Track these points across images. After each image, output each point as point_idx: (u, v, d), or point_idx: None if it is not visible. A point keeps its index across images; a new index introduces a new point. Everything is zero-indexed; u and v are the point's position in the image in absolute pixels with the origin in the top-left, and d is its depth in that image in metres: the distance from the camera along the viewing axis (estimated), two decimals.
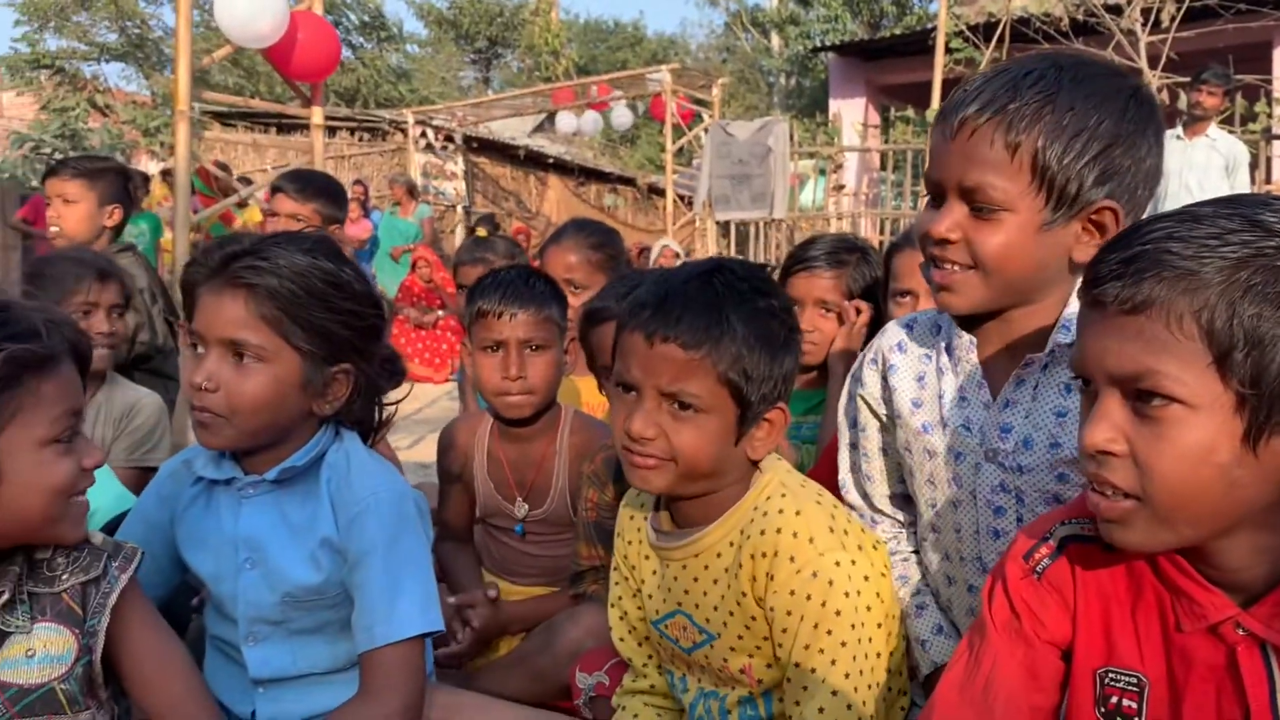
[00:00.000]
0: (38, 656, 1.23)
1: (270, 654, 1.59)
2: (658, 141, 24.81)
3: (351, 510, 1.53)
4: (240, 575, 1.57)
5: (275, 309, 1.47)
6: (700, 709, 1.53)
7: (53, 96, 23.60)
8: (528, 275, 2.16)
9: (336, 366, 1.54)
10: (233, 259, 1.48)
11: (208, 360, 1.48)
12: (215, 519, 1.60)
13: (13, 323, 1.18)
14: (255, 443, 1.54)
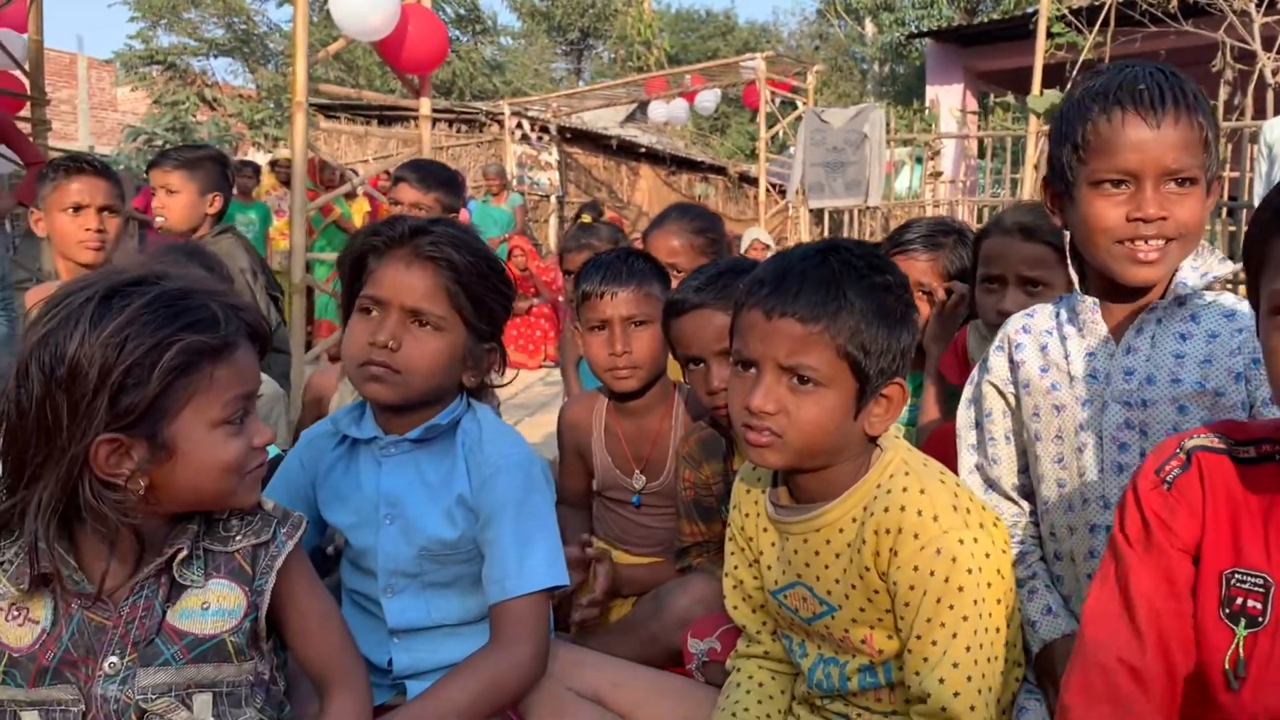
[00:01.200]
0: (211, 609, 1.32)
1: (406, 605, 1.69)
2: (748, 130, 24.73)
3: (485, 472, 1.64)
4: (380, 530, 1.68)
5: (455, 284, 1.62)
6: (819, 674, 1.57)
7: (164, 91, 24.52)
8: (627, 255, 2.27)
9: (489, 343, 1.69)
10: (418, 233, 1.63)
11: (389, 322, 1.62)
12: (356, 478, 1.72)
13: (192, 311, 1.25)
14: (414, 402, 1.66)
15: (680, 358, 2.03)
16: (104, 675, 1.27)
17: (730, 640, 1.78)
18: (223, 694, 1.32)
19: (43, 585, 1.28)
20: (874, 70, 25.25)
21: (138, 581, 1.29)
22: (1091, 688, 1.20)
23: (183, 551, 1.30)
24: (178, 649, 1.30)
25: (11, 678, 1.28)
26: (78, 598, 1.28)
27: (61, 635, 1.27)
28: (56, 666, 1.27)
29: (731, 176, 17.59)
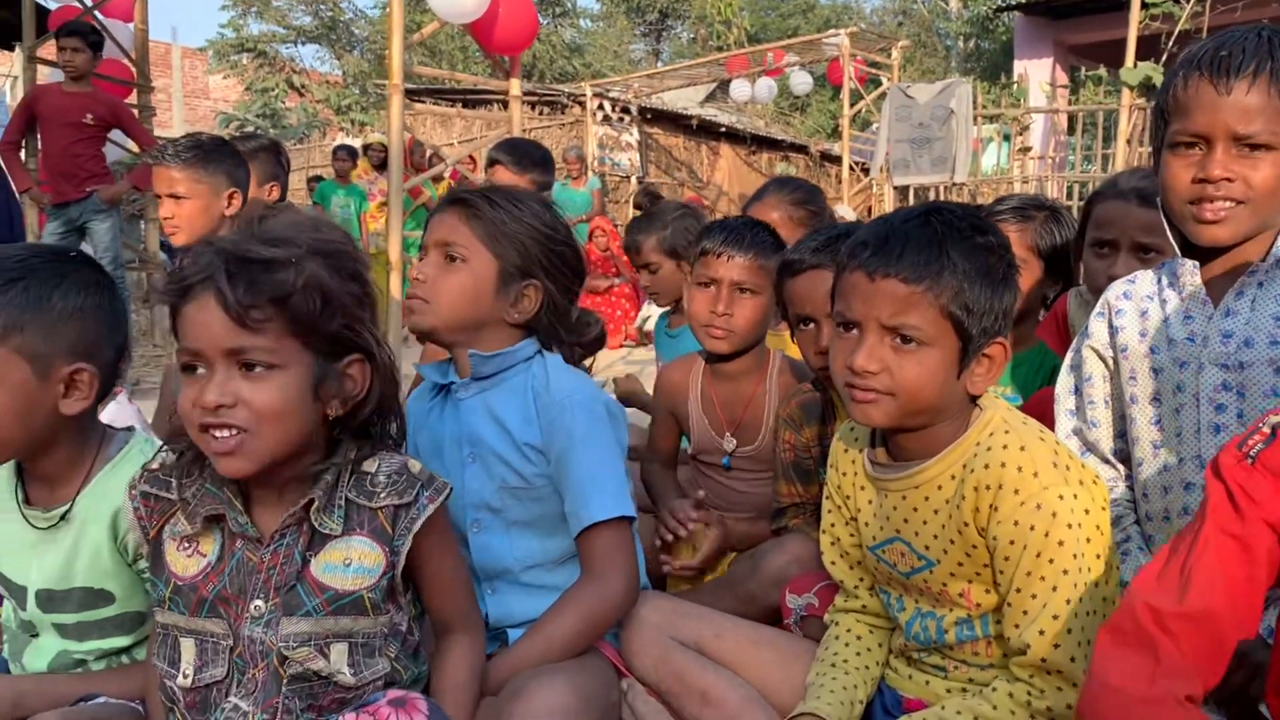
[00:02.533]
0: (352, 566, 1.40)
1: (490, 542, 1.80)
2: (829, 108, 24.46)
3: (551, 411, 1.75)
4: (465, 468, 1.80)
5: (478, 221, 1.76)
6: (917, 627, 1.62)
7: (254, 78, 25.19)
8: (753, 224, 2.33)
9: (526, 281, 1.77)
10: (461, 190, 1.81)
11: (425, 261, 1.79)
12: (443, 423, 1.85)
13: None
14: (451, 332, 1.80)
15: (792, 317, 2.08)
16: (250, 617, 1.38)
17: (827, 596, 1.83)
18: (358, 644, 1.41)
19: (213, 524, 1.39)
20: (959, 46, 24.77)
21: (278, 529, 1.39)
22: (1121, 629, 1.22)
23: (316, 502, 1.38)
24: (319, 601, 1.38)
25: (175, 604, 1.40)
26: (240, 538, 1.39)
27: (223, 571, 1.39)
28: (213, 600, 1.38)
29: (813, 155, 17.46)
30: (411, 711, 1.25)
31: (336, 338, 1.36)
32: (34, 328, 1.47)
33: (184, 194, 2.84)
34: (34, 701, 1.55)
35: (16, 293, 1.47)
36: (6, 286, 1.47)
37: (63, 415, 1.53)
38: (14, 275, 1.48)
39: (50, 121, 5.84)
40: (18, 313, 1.46)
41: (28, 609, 1.64)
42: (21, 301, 1.47)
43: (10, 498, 1.65)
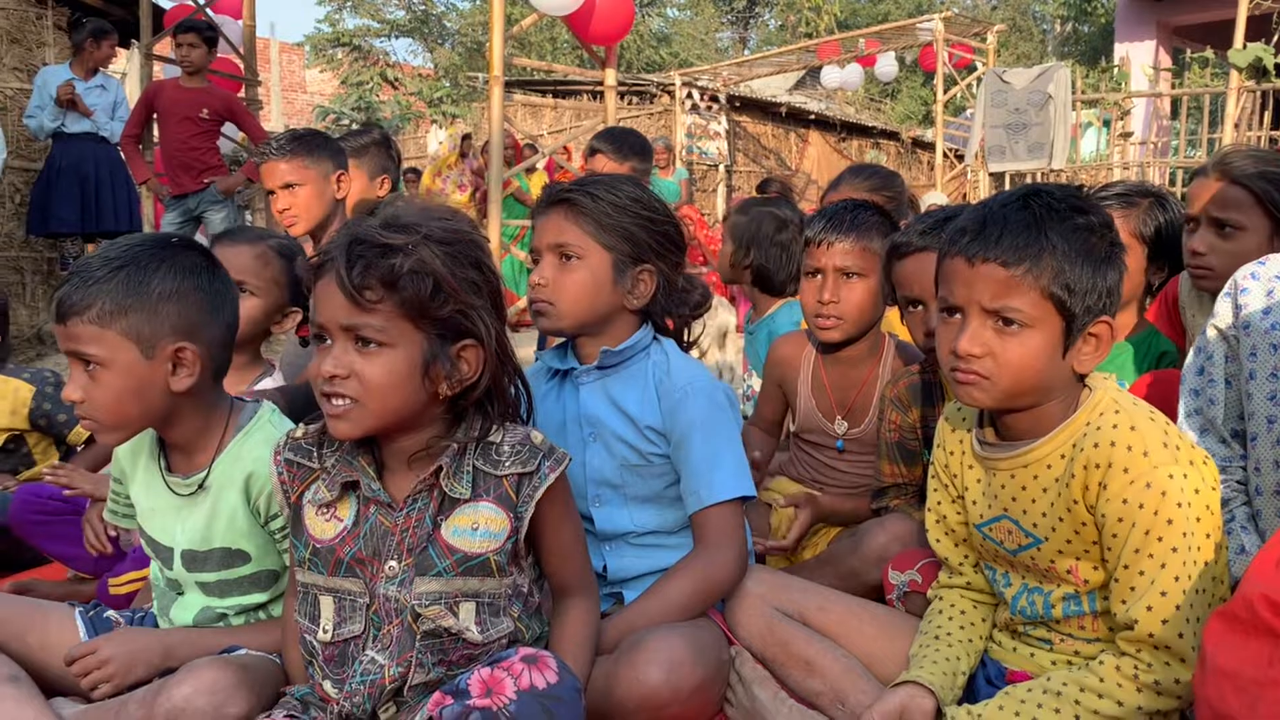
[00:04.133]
0: (480, 530, 1.48)
1: (612, 513, 1.89)
2: (920, 94, 24.06)
3: (674, 396, 1.83)
4: (586, 448, 1.89)
5: (587, 218, 1.82)
6: (1023, 601, 1.64)
7: (350, 72, 25.76)
8: (855, 206, 2.32)
9: (640, 266, 1.85)
10: (558, 188, 1.87)
11: (542, 264, 1.86)
12: (562, 405, 1.94)
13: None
14: (579, 328, 1.87)
15: (900, 300, 2.11)
16: (385, 576, 1.47)
17: (931, 573, 1.86)
18: (484, 604, 1.49)
19: (350, 491, 1.49)
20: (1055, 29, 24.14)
21: (410, 494, 1.48)
22: (1236, 616, 1.21)
23: (445, 469, 1.47)
24: (449, 563, 1.46)
25: (314, 565, 1.50)
26: (375, 504, 1.48)
27: (359, 535, 1.48)
28: (349, 561, 1.48)
29: (904, 141, 17.22)
30: (542, 668, 1.32)
31: (448, 322, 1.42)
32: (137, 311, 1.59)
33: (295, 182, 2.95)
34: (182, 652, 1.67)
35: (120, 279, 1.59)
36: (112, 274, 1.59)
37: (175, 392, 1.64)
38: (119, 263, 1.61)
39: (168, 115, 6.08)
40: (121, 297, 1.58)
41: (174, 569, 1.77)
42: (125, 287, 1.59)
43: (154, 467, 1.77)
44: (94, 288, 1.57)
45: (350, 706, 1.46)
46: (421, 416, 1.46)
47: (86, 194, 6.53)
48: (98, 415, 1.61)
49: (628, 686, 1.60)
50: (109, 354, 1.58)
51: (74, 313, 1.56)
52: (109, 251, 1.63)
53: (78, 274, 1.59)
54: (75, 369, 1.60)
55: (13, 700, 1.61)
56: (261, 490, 1.71)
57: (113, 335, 1.57)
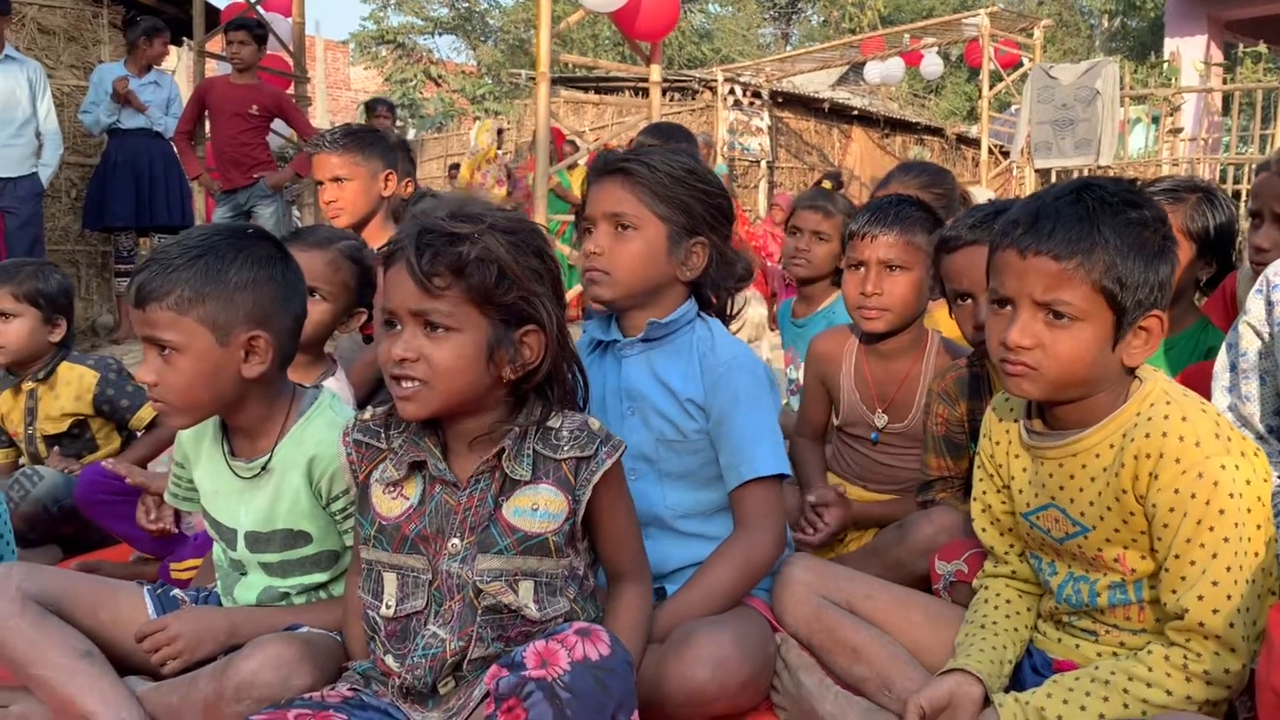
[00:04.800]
0: (539, 511, 1.52)
1: (646, 490, 1.91)
2: (964, 90, 23.84)
3: (717, 371, 1.86)
4: (624, 421, 1.92)
5: (643, 187, 1.84)
6: (1069, 590, 1.65)
7: (393, 70, 26.02)
8: (899, 201, 2.35)
9: (694, 239, 1.87)
10: (613, 158, 1.89)
11: (597, 231, 1.88)
12: (603, 378, 1.96)
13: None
14: (631, 300, 1.90)
15: (949, 293, 2.12)
16: (448, 553, 1.51)
17: (976, 563, 1.87)
18: (542, 583, 1.53)
19: (416, 470, 1.54)
20: (1103, 25, 23.84)
21: (473, 475, 1.52)
22: None
23: (507, 451, 1.51)
24: (510, 541, 1.51)
25: (379, 542, 1.55)
26: (440, 483, 1.53)
27: (424, 513, 1.53)
28: (414, 538, 1.53)
29: (948, 138, 17.08)
30: (595, 641, 1.35)
31: (512, 308, 1.48)
32: (214, 299, 1.65)
33: (344, 176, 3.02)
34: (247, 630, 1.73)
35: (199, 268, 1.64)
36: (190, 263, 1.64)
37: (246, 378, 1.70)
38: (197, 253, 1.66)
39: (219, 112, 6.20)
40: (199, 286, 1.64)
41: (237, 550, 1.82)
42: (202, 275, 1.64)
43: (218, 451, 1.83)
44: (173, 275, 1.62)
45: (412, 679, 1.51)
46: (485, 399, 1.51)
47: (141, 189, 6.66)
48: (170, 398, 1.66)
49: (676, 682, 1.63)
50: (185, 340, 1.63)
51: (153, 299, 1.62)
52: (187, 240, 1.68)
53: (157, 261, 1.64)
54: (150, 353, 1.65)
55: (87, 675, 1.68)
56: (324, 473, 1.76)
57: (189, 322, 1.63)
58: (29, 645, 1.68)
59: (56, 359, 2.90)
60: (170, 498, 2.02)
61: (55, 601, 1.76)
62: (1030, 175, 10.51)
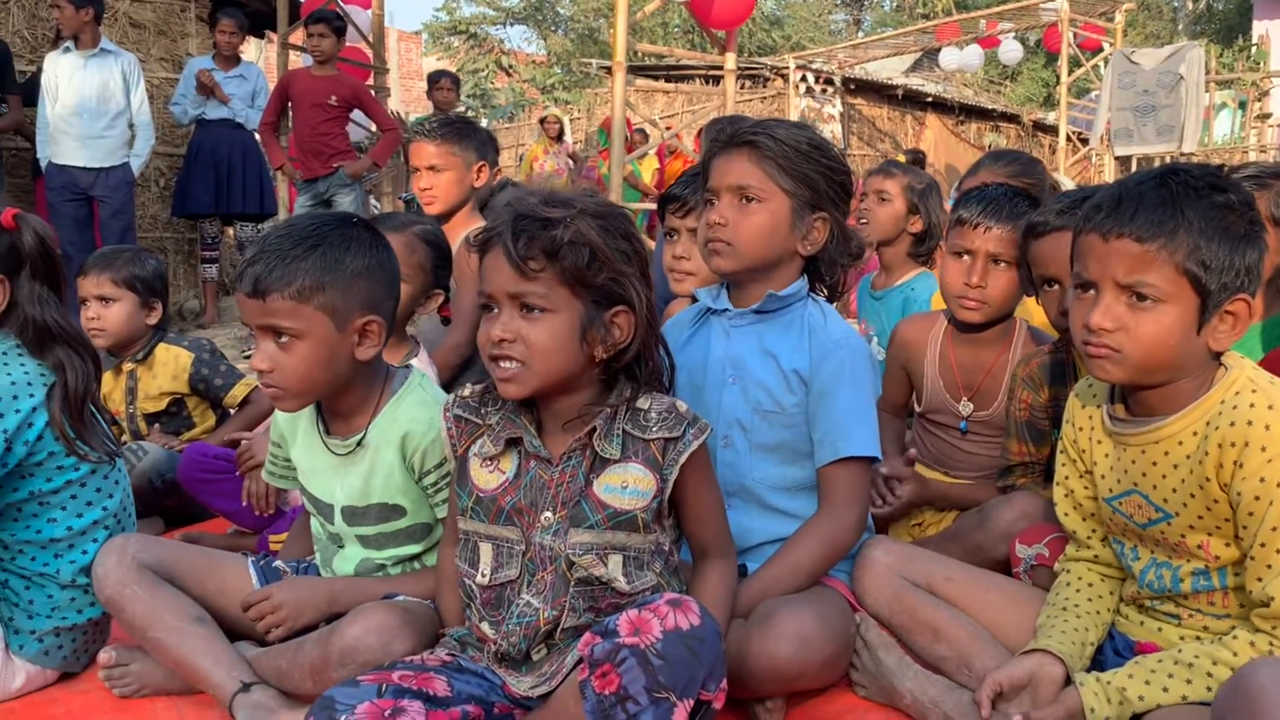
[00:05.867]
0: (629, 489, 1.58)
1: (737, 459, 1.94)
2: (1042, 76, 23.35)
3: (826, 347, 1.89)
4: (724, 389, 1.95)
5: (770, 160, 1.87)
6: (1151, 575, 1.66)
7: (465, 60, 26.30)
8: (1012, 193, 2.33)
9: (816, 214, 1.90)
10: (742, 130, 1.90)
11: (720, 203, 1.90)
12: (705, 347, 2.00)
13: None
14: (751, 270, 1.92)
15: (1035, 279, 2.13)
16: (541, 526, 1.57)
17: (1058, 548, 1.88)
18: (630, 557, 1.59)
19: (512, 446, 1.61)
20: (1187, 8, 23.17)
21: (565, 452, 1.58)
22: None
23: (598, 429, 1.57)
24: (600, 517, 1.57)
25: (475, 514, 1.62)
26: (534, 459, 1.59)
27: (519, 486, 1.59)
28: (509, 511, 1.59)
29: (1025, 125, 16.78)
30: (686, 611, 1.40)
31: (603, 289, 1.54)
32: (332, 286, 1.71)
33: (440, 166, 3.10)
34: (346, 599, 1.81)
35: (316, 257, 1.70)
36: (307, 252, 1.70)
37: (359, 361, 1.77)
38: (312, 242, 1.72)
39: (300, 102, 6.35)
40: (318, 274, 1.70)
41: (335, 523, 1.91)
42: (321, 264, 1.70)
43: (314, 430, 1.91)
44: (292, 265, 1.68)
45: (507, 646, 1.58)
46: (579, 379, 1.57)
47: (219, 177, 6.86)
48: (286, 384, 1.73)
49: (758, 658, 1.67)
50: (305, 327, 1.69)
51: (274, 288, 1.67)
52: (296, 231, 1.74)
53: (271, 252, 1.69)
54: (265, 341, 1.72)
55: (200, 638, 1.78)
56: (416, 448, 1.83)
57: (310, 310, 1.69)
58: (146, 610, 1.79)
59: (154, 341, 3.03)
60: (268, 475, 2.11)
61: (168, 570, 1.86)
62: (1110, 163, 10.30)
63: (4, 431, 1.75)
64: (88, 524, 1.90)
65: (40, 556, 1.87)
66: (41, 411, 1.81)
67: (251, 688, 1.72)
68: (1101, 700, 1.52)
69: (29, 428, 1.79)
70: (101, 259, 3.01)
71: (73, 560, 1.89)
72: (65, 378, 1.82)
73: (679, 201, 2.38)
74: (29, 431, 1.79)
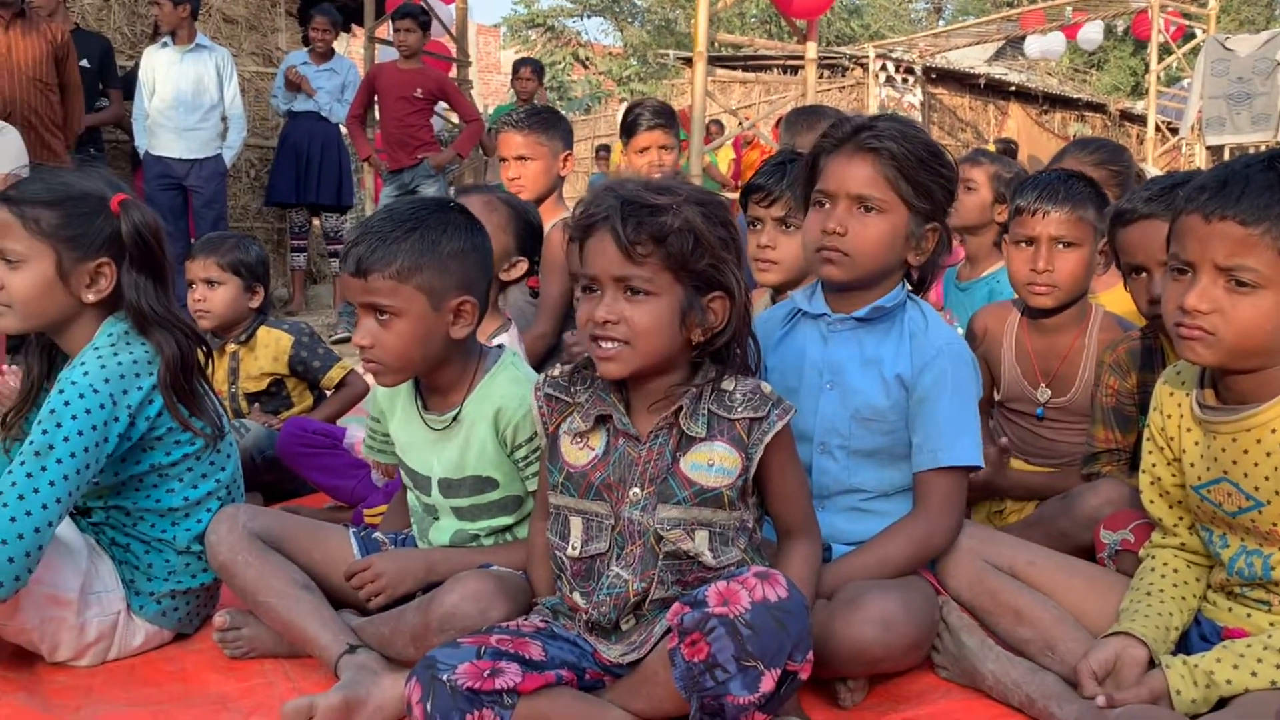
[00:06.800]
0: (715, 467, 1.63)
1: (832, 466, 1.95)
2: (1129, 64, 22.74)
3: (928, 353, 1.87)
4: (821, 395, 1.94)
5: (895, 170, 1.83)
6: (1241, 563, 1.66)
7: (542, 53, 26.49)
8: (1067, 176, 2.33)
9: (930, 224, 1.89)
10: (860, 130, 1.86)
11: (837, 210, 1.87)
12: (800, 350, 1.99)
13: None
14: (862, 281, 1.90)
15: (1124, 266, 2.12)
16: (629, 501, 1.63)
17: (1143, 534, 1.88)
18: (716, 533, 1.64)
19: (601, 424, 1.67)
20: None
21: (653, 430, 1.64)
22: None
23: (684, 409, 1.62)
24: (687, 494, 1.62)
25: (566, 488, 1.68)
26: (623, 436, 1.65)
27: (608, 463, 1.65)
28: (598, 486, 1.65)
29: (1111, 114, 16.38)
30: (774, 584, 1.45)
31: (704, 275, 1.59)
32: (430, 267, 1.78)
33: (528, 155, 3.19)
34: (443, 568, 1.89)
35: (415, 239, 1.78)
36: (406, 234, 1.78)
37: (453, 339, 1.84)
38: (411, 225, 1.80)
39: (386, 95, 6.51)
40: (417, 256, 1.77)
41: (431, 495, 1.99)
42: (419, 246, 1.78)
43: (412, 406, 1.99)
44: (393, 246, 1.76)
45: (597, 615, 1.64)
46: (674, 360, 1.63)
47: (300, 168, 7.04)
48: (385, 359, 1.81)
49: (841, 640, 1.69)
50: (404, 305, 1.77)
51: (375, 269, 1.76)
52: (396, 215, 1.82)
53: (373, 234, 1.78)
54: (366, 318, 1.80)
55: (308, 603, 1.88)
56: (509, 423, 1.90)
57: (409, 289, 1.77)
58: (256, 576, 1.89)
59: (256, 324, 3.16)
60: (367, 450, 2.20)
61: (276, 539, 1.96)
62: (1201, 152, 10.00)
63: (128, 408, 1.86)
64: (202, 494, 2.01)
65: (159, 524, 1.98)
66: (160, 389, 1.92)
67: (356, 650, 1.81)
68: (1188, 683, 1.52)
69: (150, 404, 1.90)
70: (208, 244, 3.15)
71: (188, 528, 2.00)
72: (165, 358, 1.92)
73: (763, 191, 2.41)
74: (150, 408, 1.90)
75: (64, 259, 1.87)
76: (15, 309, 1.89)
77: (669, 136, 3.55)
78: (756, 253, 2.48)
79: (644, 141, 3.55)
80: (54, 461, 1.75)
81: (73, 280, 1.89)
